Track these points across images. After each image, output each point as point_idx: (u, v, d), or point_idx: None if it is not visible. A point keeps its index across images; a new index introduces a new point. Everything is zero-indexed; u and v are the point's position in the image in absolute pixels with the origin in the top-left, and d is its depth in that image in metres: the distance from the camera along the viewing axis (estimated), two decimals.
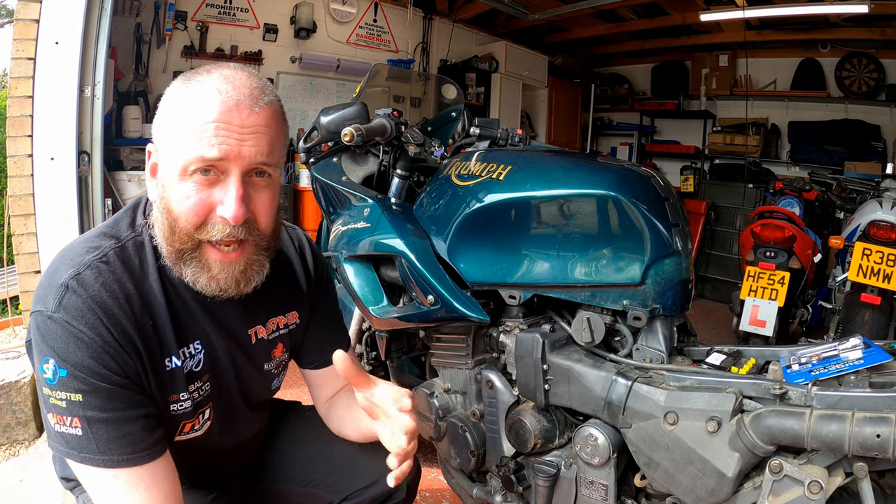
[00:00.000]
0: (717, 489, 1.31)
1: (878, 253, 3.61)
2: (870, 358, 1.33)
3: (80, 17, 3.13)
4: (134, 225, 1.24)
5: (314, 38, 6.20)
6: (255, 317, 1.38)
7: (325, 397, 1.63)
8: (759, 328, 4.18)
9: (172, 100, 1.15)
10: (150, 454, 1.14)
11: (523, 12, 6.81)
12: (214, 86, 1.12)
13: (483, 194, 1.70)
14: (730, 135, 7.73)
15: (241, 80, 1.15)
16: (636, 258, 1.54)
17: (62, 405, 1.08)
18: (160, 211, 1.17)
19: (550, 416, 1.66)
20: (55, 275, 1.12)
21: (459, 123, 2.59)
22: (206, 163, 1.11)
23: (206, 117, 1.10)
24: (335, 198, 2.25)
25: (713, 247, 7.10)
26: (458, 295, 1.73)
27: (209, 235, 1.17)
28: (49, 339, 1.08)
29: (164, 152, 1.16)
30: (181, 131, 1.12)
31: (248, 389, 1.43)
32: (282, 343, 1.48)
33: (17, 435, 3.02)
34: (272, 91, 1.20)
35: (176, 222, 1.15)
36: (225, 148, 1.11)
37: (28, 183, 3.11)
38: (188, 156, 1.11)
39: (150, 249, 1.21)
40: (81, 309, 1.08)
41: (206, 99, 1.11)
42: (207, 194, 1.15)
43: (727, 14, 6.11)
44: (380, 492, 1.58)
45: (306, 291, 1.53)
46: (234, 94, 1.12)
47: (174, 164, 1.13)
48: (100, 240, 1.18)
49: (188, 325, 1.25)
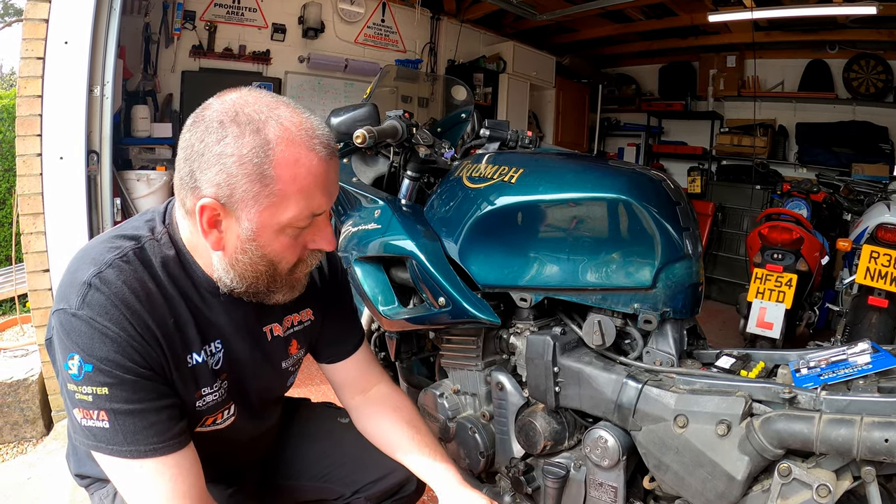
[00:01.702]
0: (726, 492, 1.31)
1: (885, 255, 3.61)
2: (878, 363, 1.33)
3: (90, 17, 3.13)
4: (154, 231, 1.26)
5: (322, 38, 6.20)
6: (270, 315, 1.41)
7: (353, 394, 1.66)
8: (766, 330, 4.17)
9: (251, 156, 1.11)
10: (177, 444, 1.17)
11: (531, 13, 6.80)
12: (305, 143, 1.15)
13: (494, 197, 1.70)
14: (737, 136, 7.69)
15: (316, 128, 1.19)
16: (647, 262, 1.54)
17: (88, 399, 1.11)
18: (247, 264, 1.21)
19: (560, 418, 1.67)
20: (77, 273, 1.14)
21: (469, 125, 2.59)
22: (313, 217, 1.20)
23: (314, 179, 1.16)
24: (345, 199, 2.26)
25: (720, 248, 7.08)
26: (469, 297, 1.73)
27: (306, 268, 1.30)
28: (74, 335, 1.10)
29: (247, 210, 1.15)
30: (283, 192, 1.14)
31: (264, 386, 1.47)
32: (296, 340, 1.51)
33: (26, 433, 3.04)
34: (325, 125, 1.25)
35: (275, 268, 1.24)
36: (329, 201, 1.22)
37: (37, 182, 3.12)
38: (297, 216, 1.17)
39: (171, 252, 1.24)
40: (105, 305, 1.11)
41: (304, 159, 1.14)
42: (303, 238, 1.23)
43: (735, 15, 6.09)
44: (391, 484, 1.63)
45: (321, 288, 1.56)
46: (322, 147, 1.17)
47: (273, 223, 1.16)
48: (119, 241, 1.21)
49: (208, 323, 1.28)
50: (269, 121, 1.13)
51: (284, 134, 1.13)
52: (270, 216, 1.15)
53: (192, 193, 1.15)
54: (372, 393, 1.65)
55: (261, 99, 1.16)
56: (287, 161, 1.12)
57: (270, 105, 1.16)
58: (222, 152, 1.11)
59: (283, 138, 1.13)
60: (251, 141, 1.11)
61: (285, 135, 1.13)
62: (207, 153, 1.12)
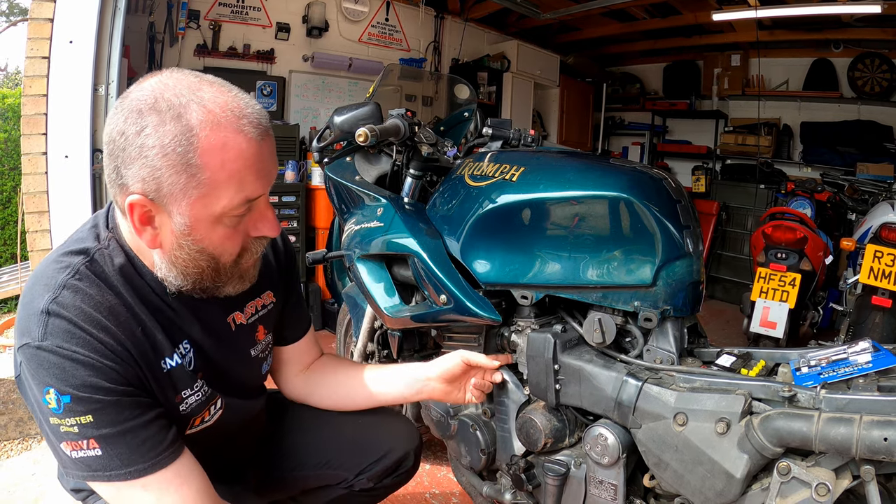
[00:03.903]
0: (725, 490, 1.32)
1: (889, 255, 3.60)
2: (878, 361, 1.33)
3: (94, 16, 3.16)
4: (99, 238, 1.20)
5: (326, 37, 6.22)
6: (233, 304, 1.37)
7: (296, 372, 1.69)
8: (770, 330, 4.16)
9: (174, 145, 1.04)
10: (173, 453, 1.15)
11: (535, 11, 6.80)
12: (231, 124, 1.07)
13: (496, 195, 1.71)
14: (742, 135, 7.69)
15: (243, 106, 1.10)
16: (647, 260, 1.54)
17: (74, 431, 1.07)
18: (187, 259, 1.15)
19: (561, 415, 1.67)
20: (32, 303, 1.09)
21: (472, 123, 2.59)
22: (248, 203, 1.12)
23: (245, 163, 1.08)
24: (348, 197, 2.27)
25: (724, 247, 7.08)
26: (471, 294, 1.74)
27: (252, 256, 1.23)
28: (44, 368, 1.05)
29: (177, 203, 1.08)
30: (213, 181, 1.07)
31: (240, 378, 1.45)
32: (262, 325, 1.48)
33: (30, 429, 3.05)
34: (256, 101, 1.16)
35: (218, 262, 1.18)
36: (265, 184, 1.14)
37: (42, 180, 3.14)
38: (230, 204, 1.10)
39: (121, 258, 1.19)
40: (68, 330, 1.06)
41: (232, 143, 1.07)
42: (242, 224, 1.17)
43: (739, 14, 6.08)
44: (391, 462, 1.67)
45: (277, 270, 1.54)
46: (252, 127, 1.09)
47: (206, 214, 1.10)
48: (68, 258, 1.15)
49: (173, 325, 1.24)
50: (190, 104, 1.05)
51: (208, 117, 1.05)
52: (203, 207, 1.09)
53: (121, 191, 1.09)
54: (314, 365, 1.71)
55: (182, 81, 1.08)
56: (213, 147, 1.05)
57: (192, 87, 1.08)
58: (143, 144, 1.04)
59: (206, 122, 1.05)
60: (172, 129, 1.04)
61: (209, 118, 1.05)
62: (129, 147, 1.05)
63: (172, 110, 1.04)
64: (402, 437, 1.73)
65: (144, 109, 1.04)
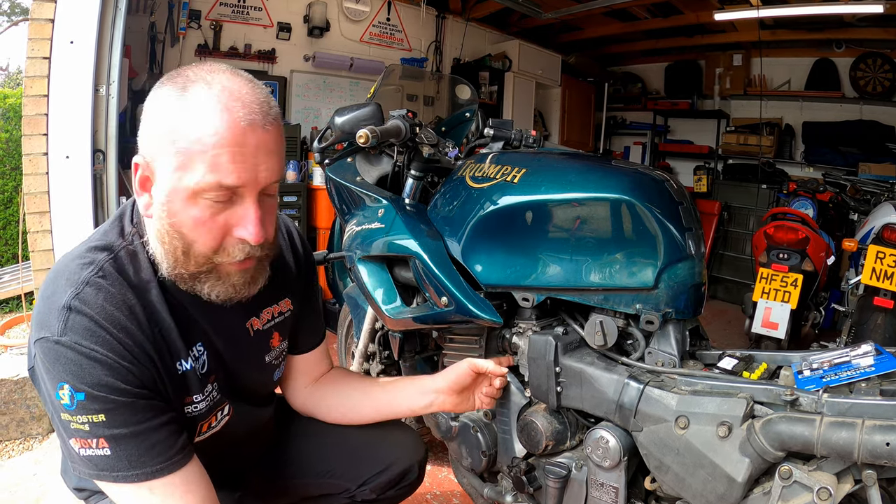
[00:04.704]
0: (726, 494, 1.31)
1: (891, 256, 3.59)
2: (881, 365, 1.33)
3: (95, 17, 3.15)
4: (123, 234, 1.20)
5: (327, 37, 6.22)
6: (250, 309, 1.36)
7: (305, 383, 1.68)
8: (772, 330, 4.16)
9: (169, 112, 1.07)
10: (182, 459, 1.14)
11: (537, 11, 6.80)
12: (221, 102, 1.06)
13: (497, 197, 1.70)
14: (743, 135, 7.69)
15: (247, 94, 1.09)
16: (649, 262, 1.54)
17: (85, 428, 1.06)
18: (164, 234, 1.13)
19: (562, 417, 1.67)
20: (54, 297, 1.09)
21: (473, 124, 2.59)
22: (223, 190, 1.09)
23: (219, 140, 1.05)
24: (349, 198, 2.26)
25: (726, 248, 7.07)
26: (472, 296, 1.73)
27: (229, 258, 1.16)
28: (60, 363, 1.05)
29: (162, 170, 1.09)
30: (188, 152, 1.06)
31: (253, 384, 1.44)
32: (278, 332, 1.47)
33: (31, 429, 3.05)
34: (273, 100, 1.15)
35: (190, 247, 1.13)
36: (244, 175, 1.08)
37: (43, 181, 3.14)
38: (201, 182, 1.06)
39: (144, 256, 1.18)
40: (89, 327, 1.06)
41: (214, 118, 1.05)
42: (223, 217, 1.12)
43: (741, 13, 6.08)
44: (394, 474, 1.65)
45: (297, 277, 1.54)
46: (245, 112, 1.07)
47: (180, 187, 1.08)
48: (92, 254, 1.15)
49: (190, 327, 1.23)
50: (198, 81, 1.07)
51: (204, 92, 1.06)
52: (178, 179, 1.07)
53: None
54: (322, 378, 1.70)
55: (213, 66, 1.12)
56: (194, 118, 1.05)
57: (214, 70, 1.10)
58: (149, 108, 1.10)
59: (200, 95, 1.06)
60: (171, 97, 1.07)
61: (204, 93, 1.06)
62: (146, 112, 1.11)
63: (183, 83, 1.08)
64: (407, 448, 1.70)
65: (165, 80, 1.10)
